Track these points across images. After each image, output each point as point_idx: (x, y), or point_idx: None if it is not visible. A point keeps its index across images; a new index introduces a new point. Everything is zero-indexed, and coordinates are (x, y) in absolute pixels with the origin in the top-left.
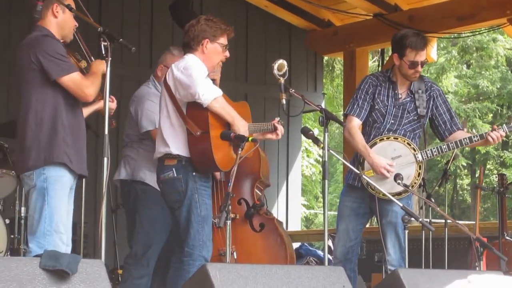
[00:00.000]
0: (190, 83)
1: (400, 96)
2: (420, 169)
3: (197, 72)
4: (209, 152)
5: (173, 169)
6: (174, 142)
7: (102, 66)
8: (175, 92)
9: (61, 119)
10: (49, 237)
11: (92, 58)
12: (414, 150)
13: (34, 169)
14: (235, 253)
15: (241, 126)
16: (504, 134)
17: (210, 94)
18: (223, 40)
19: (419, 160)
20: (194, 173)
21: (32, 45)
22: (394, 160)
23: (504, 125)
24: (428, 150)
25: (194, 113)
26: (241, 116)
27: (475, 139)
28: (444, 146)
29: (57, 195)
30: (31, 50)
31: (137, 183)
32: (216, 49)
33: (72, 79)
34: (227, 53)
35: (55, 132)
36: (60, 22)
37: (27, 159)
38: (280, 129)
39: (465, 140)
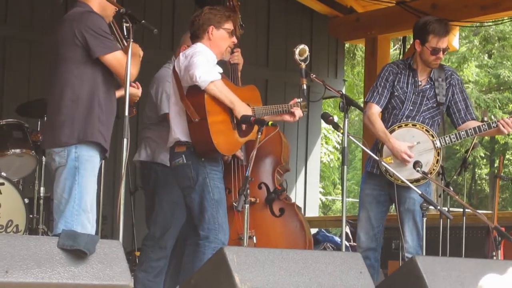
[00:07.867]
0: (190, 66)
1: (420, 83)
2: (438, 155)
3: (200, 57)
4: (208, 138)
5: (183, 155)
6: (183, 129)
7: (138, 49)
8: (182, 79)
9: (98, 97)
10: (78, 216)
11: (124, 42)
12: (433, 137)
13: (66, 146)
14: (254, 238)
15: (243, 110)
16: None
17: (207, 76)
18: (229, 26)
19: (437, 147)
20: (203, 159)
21: (77, 20)
22: (413, 146)
23: None
24: (446, 136)
25: (192, 99)
26: (250, 99)
27: (493, 125)
28: (463, 133)
29: (88, 175)
30: (75, 26)
31: (157, 165)
32: (222, 35)
33: (116, 58)
34: (234, 39)
35: (91, 110)
36: (102, 3)
37: (59, 135)
38: (297, 113)
39: (483, 126)
